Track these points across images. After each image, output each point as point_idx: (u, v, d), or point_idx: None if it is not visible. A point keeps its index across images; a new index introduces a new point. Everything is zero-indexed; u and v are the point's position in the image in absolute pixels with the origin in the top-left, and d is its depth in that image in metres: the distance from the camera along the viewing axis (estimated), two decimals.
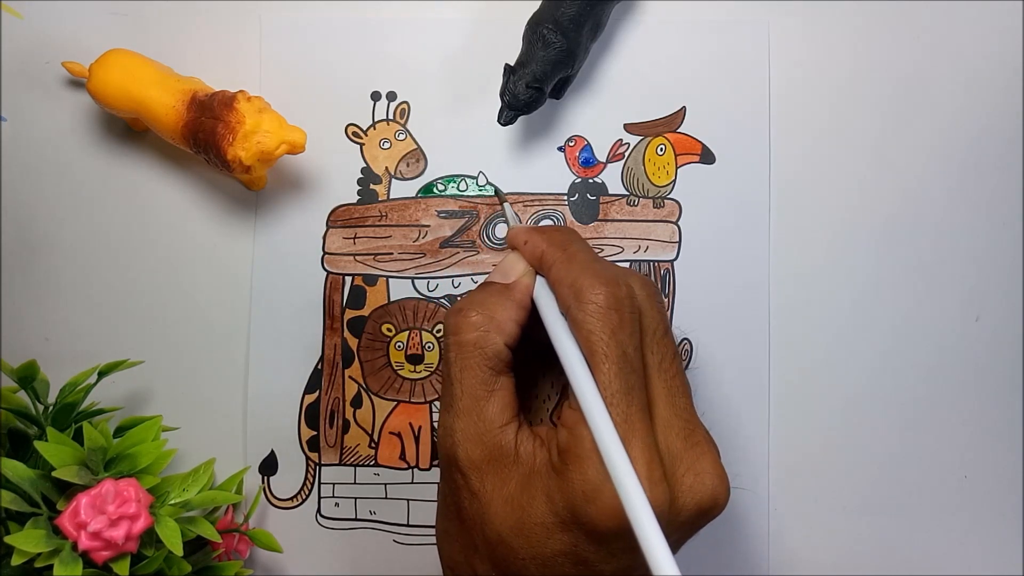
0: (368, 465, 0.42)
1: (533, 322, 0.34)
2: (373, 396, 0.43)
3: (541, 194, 0.43)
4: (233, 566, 0.38)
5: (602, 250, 0.43)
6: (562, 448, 0.31)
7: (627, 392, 0.30)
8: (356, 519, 0.42)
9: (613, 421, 0.30)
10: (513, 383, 0.34)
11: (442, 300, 0.43)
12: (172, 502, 0.37)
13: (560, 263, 0.33)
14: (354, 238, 0.43)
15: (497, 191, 0.42)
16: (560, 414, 0.32)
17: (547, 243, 0.35)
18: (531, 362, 0.36)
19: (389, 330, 0.43)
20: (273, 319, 0.42)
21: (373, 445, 0.42)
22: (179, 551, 0.34)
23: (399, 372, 0.43)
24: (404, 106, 0.43)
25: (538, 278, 0.35)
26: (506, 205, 0.41)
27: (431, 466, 0.42)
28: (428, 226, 0.43)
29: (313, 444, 0.42)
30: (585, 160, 0.43)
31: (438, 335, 0.43)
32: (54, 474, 0.33)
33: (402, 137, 0.43)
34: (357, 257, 0.43)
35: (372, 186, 0.43)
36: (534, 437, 0.33)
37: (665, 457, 0.31)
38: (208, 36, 0.43)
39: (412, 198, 0.43)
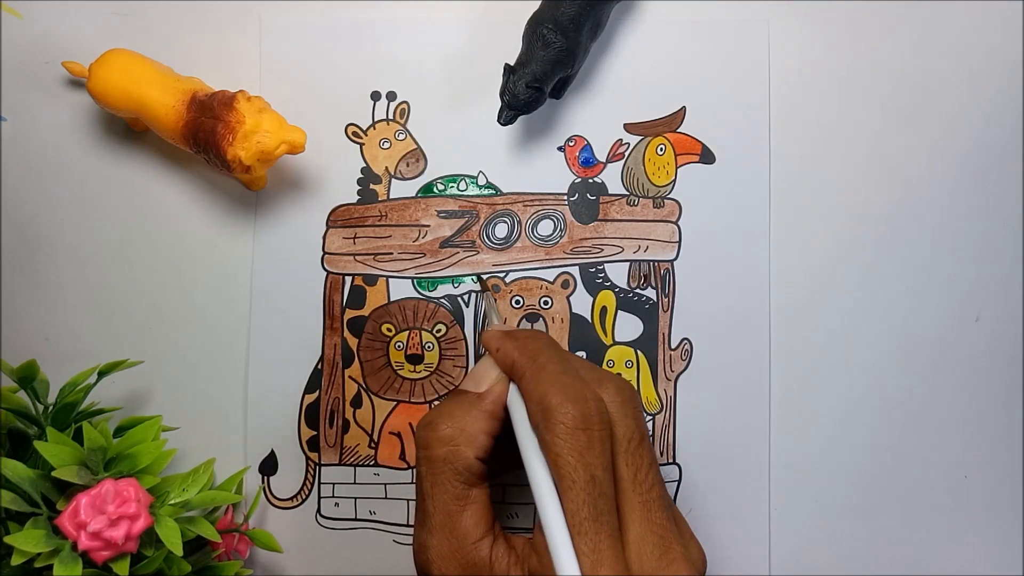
0: (368, 465, 0.42)
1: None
2: (373, 396, 0.43)
3: (541, 194, 0.43)
4: (233, 566, 0.38)
5: (602, 250, 0.43)
6: (531, 572, 0.31)
7: (596, 518, 0.30)
8: (356, 519, 0.42)
9: (581, 552, 0.30)
10: (488, 493, 0.34)
11: (442, 300, 0.43)
12: (172, 502, 0.37)
13: (530, 375, 0.33)
14: (354, 238, 0.43)
15: (480, 280, 0.42)
16: (533, 535, 0.32)
17: (518, 351, 0.34)
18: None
19: (389, 330, 0.43)
20: (273, 319, 0.42)
21: (373, 445, 0.42)
22: (179, 551, 0.34)
23: (399, 372, 0.43)
24: (404, 106, 0.43)
25: (511, 386, 0.35)
26: (488, 296, 0.41)
27: None
28: (428, 226, 0.43)
29: (313, 444, 0.42)
30: (585, 160, 0.43)
31: (438, 335, 0.43)
32: (54, 474, 0.33)
33: (402, 137, 0.43)
34: (357, 257, 0.43)
35: (372, 186, 0.43)
36: (509, 552, 0.33)
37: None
38: (208, 36, 0.43)
39: (412, 198, 0.43)
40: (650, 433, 0.43)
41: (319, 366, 0.43)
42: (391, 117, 0.43)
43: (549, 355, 0.34)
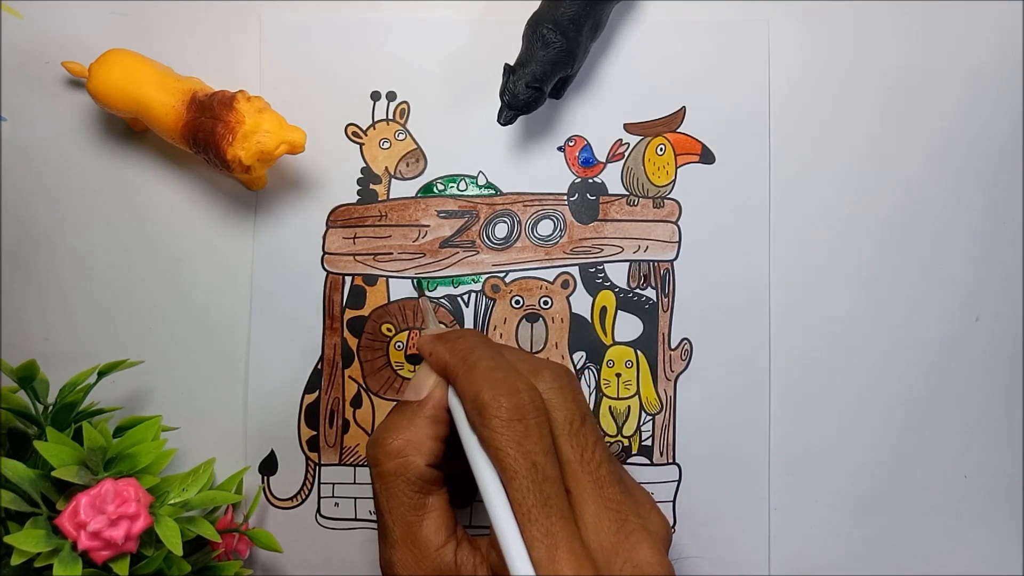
0: (368, 465, 0.42)
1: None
2: (373, 396, 0.43)
3: (541, 194, 0.43)
4: (233, 566, 0.38)
5: (602, 250, 0.43)
6: (494, 570, 0.32)
7: (543, 504, 0.30)
8: (356, 519, 0.42)
9: (534, 539, 0.30)
10: (446, 499, 0.34)
11: (442, 300, 0.43)
12: (172, 502, 0.37)
13: (462, 375, 0.33)
14: (354, 238, 0.43)
15: (417, 285, 0.42)
16: (491, 532, 0.32)
17: (449, 353, 0.35)
18: None
19: (389, 330, 0.43)
20: (273, 319, 0.42)
21: None
22: (179, 551, 0.34)
23: (399, 372, 0.43)
24: (404, 106, 0.43)
25: (450, 388, 0.35)
26: (423, 302, 0.41)
27: None
28: (428, 226, 0.43)
29: (313, 444, 0.42)
30: (585, 160, 0.43)
31: None
32: (54, 474, 0.33)
33: (402, 137, 0.43)
34: (357, 257, 0.43)
35: (372, 186, 0.43)
36: (474, 553, 0.33)
37: (598, 555, 0.31)
38: (208, 36, 0.43)
39: (412, 198, 0.43)
40: (649, 433, 0.42)
41: (319, 366, 0.43)
42: (391, 117, 0.43)
43: (479, 353, 0.34)
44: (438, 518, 0.33)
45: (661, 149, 0.43)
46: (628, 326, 0.43)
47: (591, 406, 0.42)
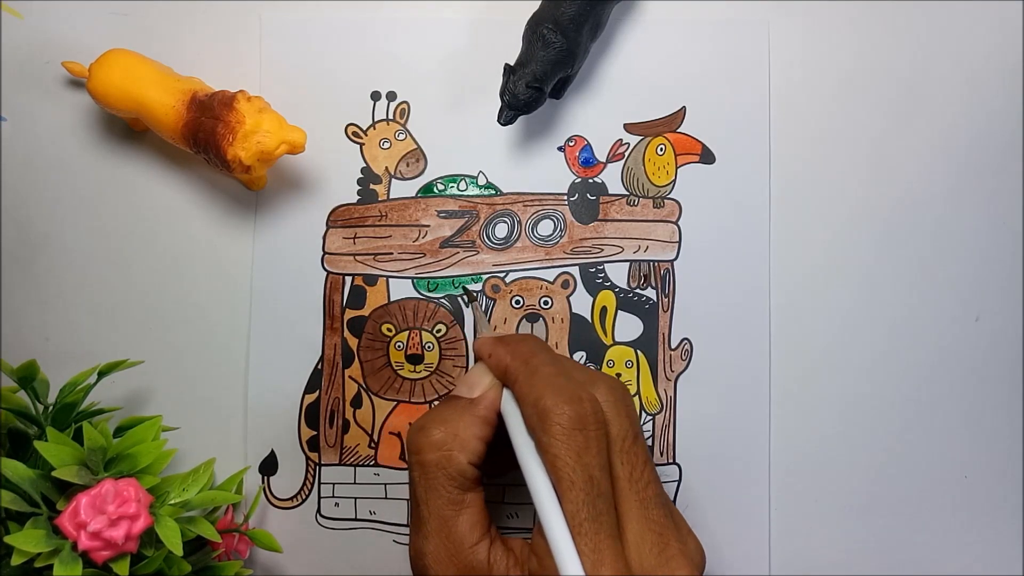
0: (368, 465, 0.42)
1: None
2: (373, 396, 0.43)
3: (541, 194, 0.43)
4: (233, 566, 0.38)
5: (602, 250, 0.43)
6: (533, 575, 0.31)
7: (595, 518, 0.30)
8: (356, 519, 0.42)
9: (581, 552, 0.30)
10: (482, 497, 0.34)
11: (442, 300, 0.43)
12: (172, 502, 0.37)
13: (523, 379, 0.33)
14: (354, 238, 0.43)
15: (466, 291, 0.42)
16: (533, 538, 0.32)
17: (511, 356, 0.34)
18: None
19: (389, 330, 0.43)
20: (273, 319, 0.42)
21: (373, 445, 0.42)
22: (179, 551, 0.34)
23: (399, 372, 0.43)
24: (404, 106, 0.43)
25: (505, 391, 0.35)
26: (474, 307, 0.41)
27: None
28: (428, 226, 0.43)
29: (313, 444, 0.42)
30: (585, 160, 0.43)
31: (438, 335, 0.43)
32: (54, 474, 0.33)
33: (402, 137, 0.43)
34: (357, 257, 0.43)
35: (372, 186, 0.43)
36: (507, 554, 0.33)
37: (638, 574, 0.31)
38: (208, 36, 0.43)
39: (412, 198, 0.43)
40: (649, 433, 0.43)
41: (319, 366, 0.43)
42: (391, 117, 0.43)
43: (542, 358, 0.34)
44: (474, 515, 0.33)
45: (661, 149, 0.43)
46: (628, 326, 0.43)
47: None
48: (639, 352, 0.43)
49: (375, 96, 0.43)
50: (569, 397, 0.32)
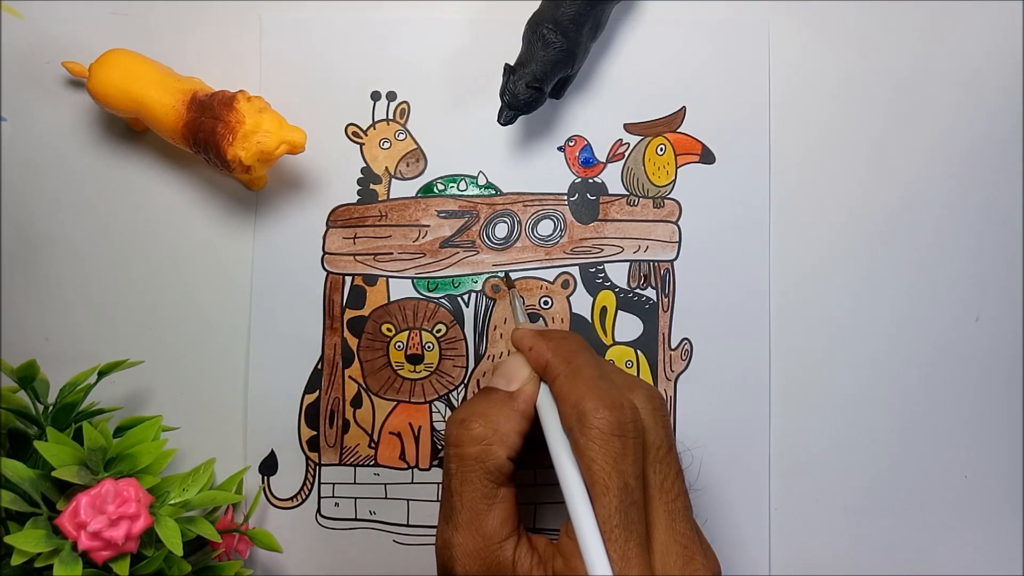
0: (368, 465, 0.42)
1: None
2: (373, 396, 0.43)
3: (541, 194, 0.43)
4: (233, 566, 0.38)
5: (602, 250, 0.43)
6: None
7: (626, 526, 0.30)
8: (356, 519, 0.42)
9: (610, 559, 0.30)
10: (514, 493, 0.34)
11: (442, 300, 0.43)
12: (172, 502, 0.37)
13: (564, 377, 0.33)
14: (354, 238, 0.43)
15: (507, 277, 0.42)
16: (559, 538, 0.32)
17: (552, 352, 0.34)
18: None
19: (389, 330, 0.43)
20: (273, 319, 0.42)
21: (373, 445, 0.42)
22: (179, 551, 0.34)
23: (399, 372, 0.43)
24: (404, 106, 0.43)
25: (542, 386, 0.35)
26: (514, 294, 0.41)
27: (431, 466, 0.42)
28: (428, 226, 0.43)
29: (313, 444, 0.42)
30: (585, 160, 0.43)
31: (438, 335, 0.43)
32: (54, 474, 0.33)
33: (402, 137, 0.43)
34: (357, 257, 0.43)
35: (372, 186, 0.43)
36: (532, 553, 0.33)
37: None
38: (208, 36, 0.43)
39: (412, 198, 0.43)
40: None
41: (319, 366, 0.43)
42: (391, 117, 0.43)
43: (584, 358, 0.34)
44: (505, 511, 0.33)
45: (661, 149, 0.43)
46: (628, 326, 0.43)
47: None
48: (639, 352, 0.43)
49: (375, 96, 0.43)
50: (610, 402, 0.31)
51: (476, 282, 0.43)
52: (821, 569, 0.43)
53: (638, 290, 0.43)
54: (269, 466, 0.42)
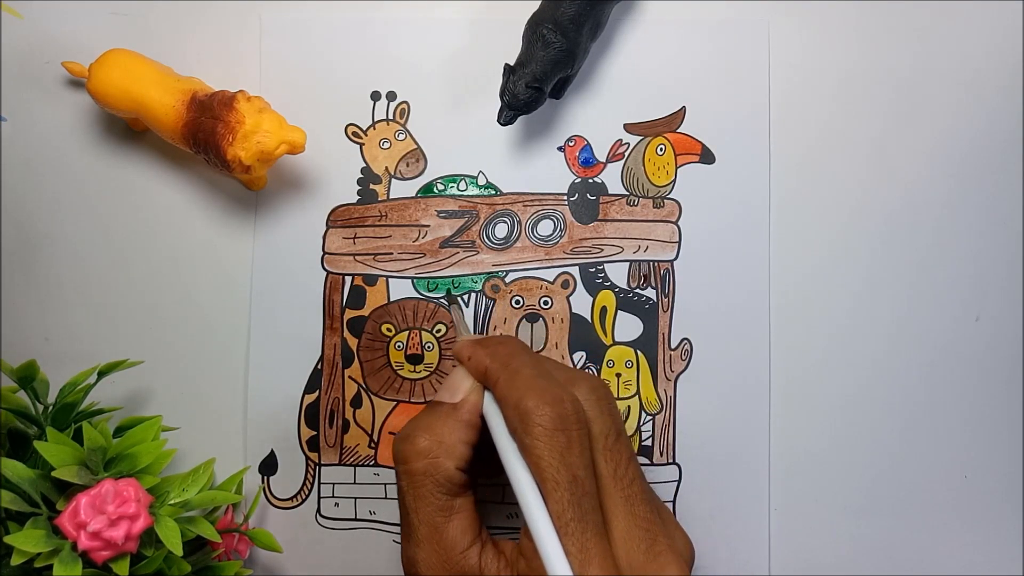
0: (368, 465, 0.42)
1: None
2: (373, 396, 0.43)
3: (541, 194, 0.43)
4: (233, 566, 0.38)
5: (602, 250, 0.43)
6: None
7: (581, 518, 0.30)
8: (356, 519, 0.42)
9: (569, 552, 0.30)
10: (472, 501, 0.34)
11: (442, 300, 0.43)
12: (172, 502, 0.37)
13: (504, 380, 0.33)
14: (354, 238, 0.43)
15: (448, 294, 0.42)
16: (520, 539, 0.32)
17: (490, 358, 0.34)
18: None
19: (389, 330, 0.43)
20: (273, 319, 0.42)
21: (373, 445, 0.42)
22: (179, 551, 0.34)
23: (399, 372, 0.43)
24: (404, 106, 0.43)
25: (486, 393, 0.35)
26: (454, 310, 0.41)
27: None
28: (428, 226, 0.43)
29: (313, 444, 0.42)
30: (585, 160, 0.43)
31: (438, 335, 0.43)
32: (54, 474, 0.33)
33: (402, 137, 0.43)
34: (357, 257, 0.43)
35: (372, 186, 0.43)
36: (499, 557, 0.33)
37: (627, 572, 0.31)
38: (208, 36, 0.43)
39: (412, 198, 0.43)
40: (649, 434, 0.43)
41: (319, 366, 0.43)
42: (391, 117, 0.43)
43: (521, 359, 0.34)
44: (464, 520, 0.33)
45: (661, 149, 0.43)
46: (628, 326, 0.43)
47: None
48: (639, 352, 0.43)
49: (375, 96, 0.43)
50: (550, 398, 0.32)
51: (476, 282, 0.43)
52: (821, 569, 0.43)
53: (638, 290, 0.43)
54: (269, 466, 0.42)
